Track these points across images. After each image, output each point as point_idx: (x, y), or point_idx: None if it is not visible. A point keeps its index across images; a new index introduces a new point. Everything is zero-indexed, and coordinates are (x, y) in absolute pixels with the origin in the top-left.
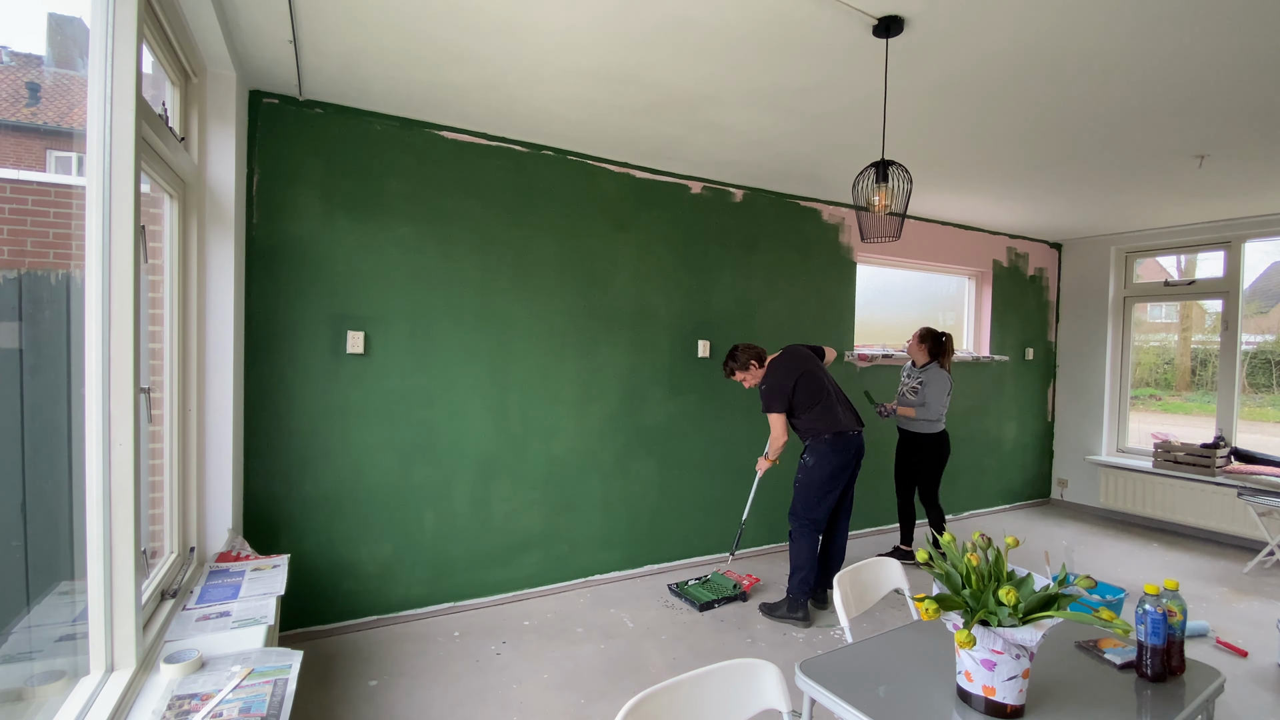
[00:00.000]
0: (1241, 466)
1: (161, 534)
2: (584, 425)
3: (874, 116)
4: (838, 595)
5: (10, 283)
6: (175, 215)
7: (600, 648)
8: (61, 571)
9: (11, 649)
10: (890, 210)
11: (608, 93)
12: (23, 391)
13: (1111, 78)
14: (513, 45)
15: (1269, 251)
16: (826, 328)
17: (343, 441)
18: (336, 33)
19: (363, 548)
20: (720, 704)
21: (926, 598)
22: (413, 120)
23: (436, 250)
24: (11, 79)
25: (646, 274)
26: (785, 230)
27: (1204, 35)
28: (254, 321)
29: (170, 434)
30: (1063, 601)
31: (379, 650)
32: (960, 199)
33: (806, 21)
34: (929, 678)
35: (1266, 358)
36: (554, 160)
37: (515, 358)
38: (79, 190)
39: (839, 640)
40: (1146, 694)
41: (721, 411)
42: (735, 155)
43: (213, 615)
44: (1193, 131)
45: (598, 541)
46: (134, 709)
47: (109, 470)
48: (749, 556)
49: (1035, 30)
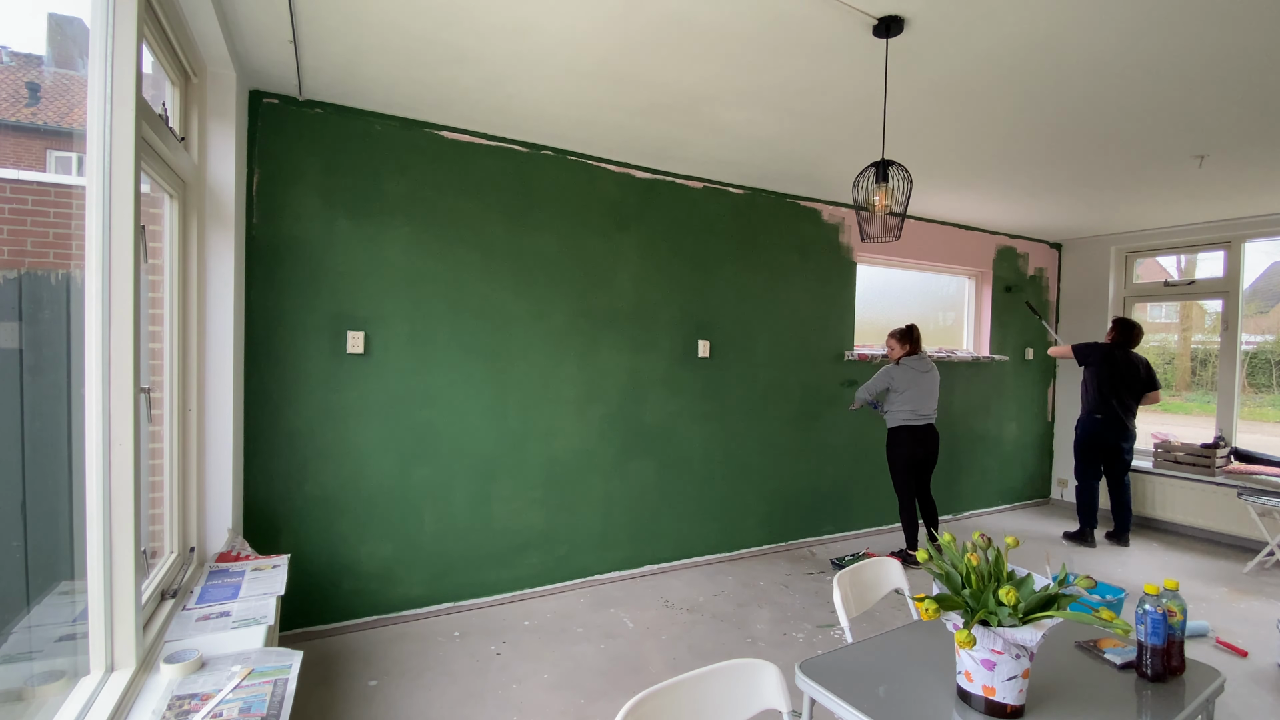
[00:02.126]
0: (1241, 466)
1: (161, 534)
2: (584, 425)
3: (874, 116)
4: (837, 595)
5: (10, 283)
6: (175, 215)
7: (600, 648)
8: (61, 571)
9: (11, 649)
10: (890, 210)
11: (608, 93)
12: (23, 391)
13: (1111, 77)
14: (513, 45)
15: (1269, 251)
16: (827, 328)
17: (343, 441)
18: (336, 33)
19: (363, 548)
20: (720, 704)
21: (926, 598)
22: (413, 120)
23: (436, 250)
24: (11, 79)
25: (646, 274)
26: (785, 230)
27: (1204, 35)
28: (254, 321)
29: (170, 434)
30: (1063, 601)
31: (379, 650)
32: (960, 199)
33: (806, 21)
34: (929, 678)
35: (1266, 358)
36: (554, 160)
37: (515, 358)
38: (79, 190)
39: (839, 640)
40: (1146, 694)
41: (722, 411)
42: (735, 155)
43: (213, 615)
44: (1193, 131)
45: (598, 541)
46: (134, 709)
47: (109, 470)
48: (750, 556)
49: (1035, 30)
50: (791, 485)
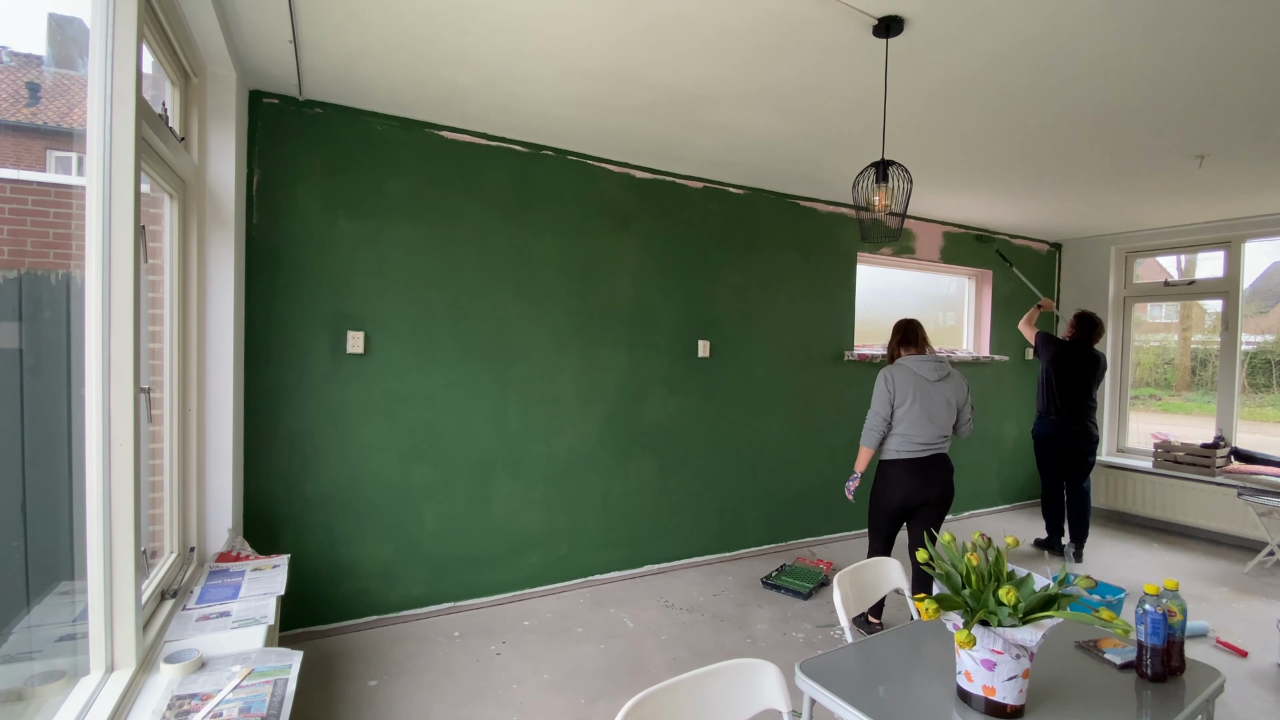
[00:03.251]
0: (1241, 466)
1: (161, 534)
2: (584, 425)
3: (874, 116)
4: (837, 595)
5: (10, 283)
6: (175, 215)
7: (600, 648)
8: (61, 571)
9: (11, 649)
10: (890, 210)
11: (608, 93)
12: (23, 391)
13: (1111, 78)
14: (513, 45)
15: (1269, 251)
16: (827, 328)
17: (343, 441)
18: (337, 33)
19: (363, 548)
20: (720, 704)
21: (926, 598)
22: (413, 120)
23: (436, 250)
24: (11, 79)
25: (646, 274)
26: (785, 230)
27: (1204, 35)
28: (254, 321)
29: (170, 434)
30: (1063, 601)
31: (379, 650)
32: (960, 199)
33: (806, 21)
34: (929, 678)
35: (1266, 358)
36: (554, 160)
37: (515, 358)
38: (79, 190)
39: (839, 640)
40: (1146, 694)
41: (722, 411)
42: (735, 155)
43: (213, 615)
44: (1193, 131)
45: (598, 541)
46: (134, 709)
47: (109, 470)
48: (750, 556)
49: (1035, 30)
50: (791, 485)
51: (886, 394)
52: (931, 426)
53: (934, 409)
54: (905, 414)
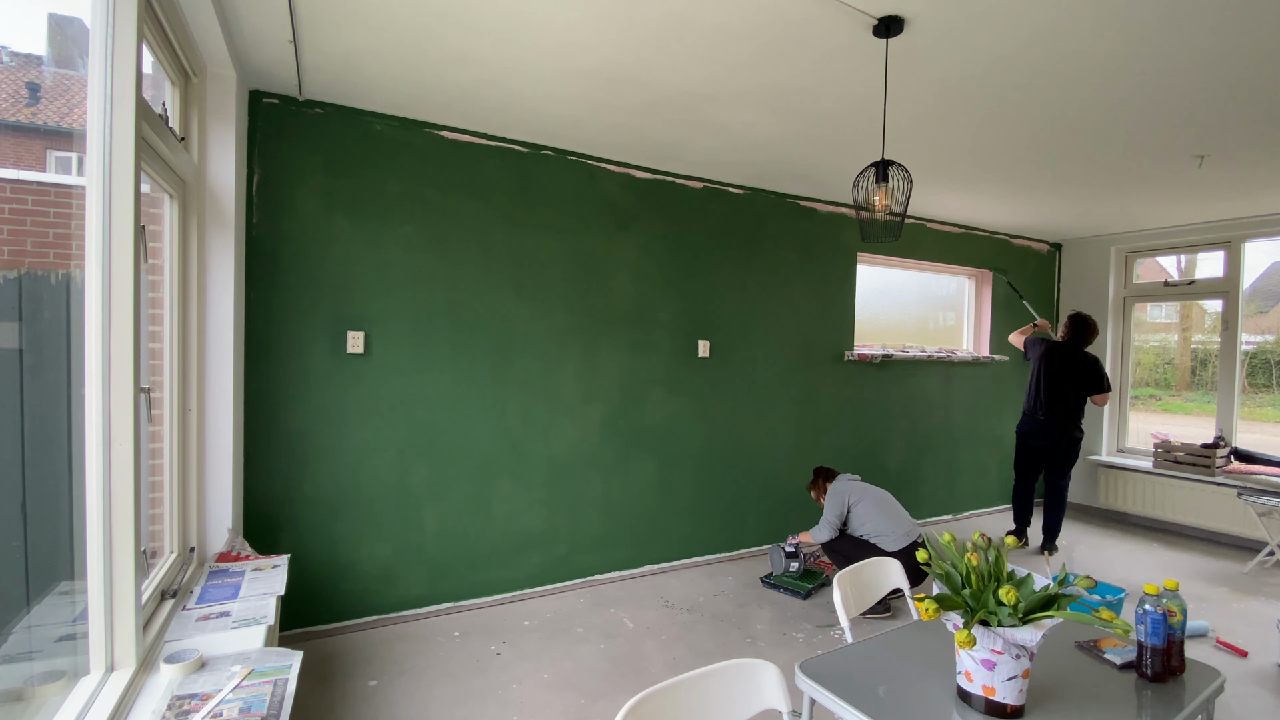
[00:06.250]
0: (1241, 466)
1: (161, 534)
2: (584, 425)
3: (874, 116)
4: (837, 595)
5: (10, 283)
6: (175, 215)
7: (600, 648)
8: (61, 571)
9: (11, 649)
10: (890, 210)
11: (608, 93)
12: (23, 391)
13: (1111, 78)
14: (513, 45)
15: (1269, 251)
16: (826, 328)
17: (343, 441)
18: (336, 33)
19: (363, 548)
20: (720, 704)
21: (926, 598)
22: (413, 120)
23: (436, 250)
24: (11, 79)
25: (646, 274)
26: (785, 230)
27: (1204, 35)
28: (254, 321)
29: (170, 434)
30: (1063, 601)
31: (379, 650)
32: (960, 199)
33: (806, 21)
34: (929, 678)
35: (1266, 358)
36: (554, 160)
37: (515, 357)
38: (79, 190)
39: (839, 640)
40: (1146, 694)
41: (722, 411)
42: (735, 155)
43: (213, 615)
44: (1193, 131)
45: (598, 541)
46: (134, 709)
47: (109, 470)
48: (750, 556)
49: (1035, 30)
50: (792, 485)
51: (838, 504)
52: (895, 521)
53: (889, 508)
54: (867, 512)
